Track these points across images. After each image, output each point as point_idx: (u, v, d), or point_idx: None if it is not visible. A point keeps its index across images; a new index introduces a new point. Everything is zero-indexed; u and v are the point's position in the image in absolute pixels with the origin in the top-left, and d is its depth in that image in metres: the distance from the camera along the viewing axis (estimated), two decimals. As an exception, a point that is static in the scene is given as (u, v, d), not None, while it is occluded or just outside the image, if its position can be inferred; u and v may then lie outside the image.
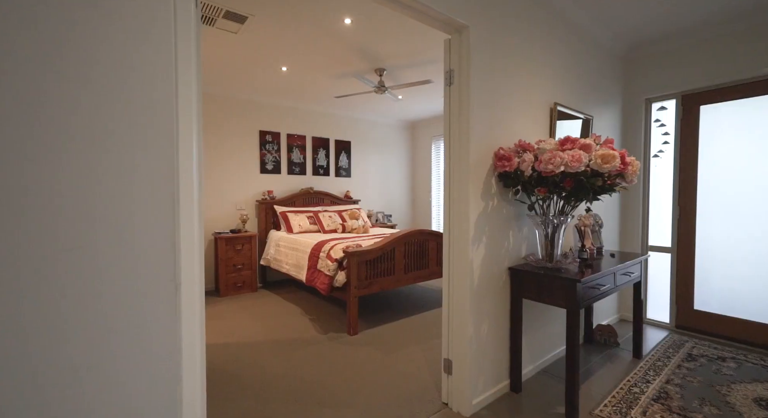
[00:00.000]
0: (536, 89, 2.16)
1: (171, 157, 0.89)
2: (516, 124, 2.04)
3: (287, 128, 4.69)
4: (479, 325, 1.85)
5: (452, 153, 1.83)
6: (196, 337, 0.96)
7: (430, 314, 3.27)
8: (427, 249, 3.34)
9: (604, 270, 1.87)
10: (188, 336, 0.94)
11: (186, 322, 0.93)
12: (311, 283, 3.15)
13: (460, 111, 1.80)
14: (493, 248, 1.92)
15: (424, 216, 6.00)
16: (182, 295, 0.92)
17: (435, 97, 4.53)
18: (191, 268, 0.95)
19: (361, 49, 3.03)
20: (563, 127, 2.38)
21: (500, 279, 1.97)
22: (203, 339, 1.01)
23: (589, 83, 2.61)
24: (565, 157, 1.61)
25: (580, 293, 1.71)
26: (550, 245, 1.95)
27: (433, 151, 5.84)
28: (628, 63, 3.01)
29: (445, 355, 1.88)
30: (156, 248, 0.87)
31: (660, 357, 2.29)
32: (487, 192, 1.88)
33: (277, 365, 2.31)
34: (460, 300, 1.81)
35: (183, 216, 0.93)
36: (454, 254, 1.83)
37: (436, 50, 3.07)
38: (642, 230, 2.99)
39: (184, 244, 0.93)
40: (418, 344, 2.61)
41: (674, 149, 2.81)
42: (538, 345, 2.22)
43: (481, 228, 1.85)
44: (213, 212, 4.16)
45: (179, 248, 0.91)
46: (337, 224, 4.33)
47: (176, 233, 0.90)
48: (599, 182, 1.68)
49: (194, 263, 0.96)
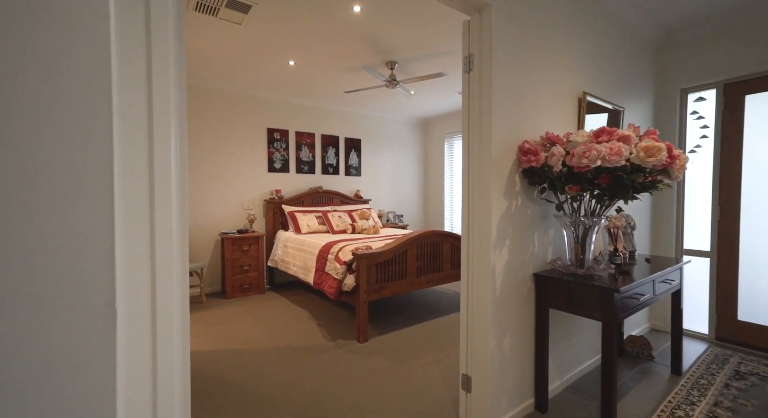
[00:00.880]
0: (563, 77, 1.96)
1: (106, 153, 0.69)
2: (541, 116, 1.85)
3: (296, 126, 4.56)
4: (502, 338, 1.67)
5: (472, 147, 1.65)
6: (174, 385, 0.80)
7: (444, 320, 3.09)
8: (441, 251, 3.16)
9: (643, 278, 1.67)
10: (164, 384, 0.78)
11: (161, 362, 0.77)
12: (319, 286, 3.00)
13: (480, 100, 1.62)
14: (517, 252, 1.74)
15: (436, 216, 5.81)
16: (148, 320, 0.75)
17: (448, 92, 4.34)
18: (168, 283, 0.80)
19: (371, 40, 2.87)
20: (588, 121, 2.16)
21: (524, 287, 1.79)
22: (186, 389, 0.85)
23: (619, 72, 2.39)
24: (603, 150, 1.41)
25: (618, 304, 1.52)
26: (581, 248, 1.75)
27: (446, 150, 5.65)
28: (661, 50, 2.77)
29: (464, 370, 1.71)
30: (82, 264, 0.65)
31: (703, 374, 2.06)
32: (511, 190, 1.70)
33: (282, 374, 2.17)
34: (481, 310, 1.63)
35: (158, 222, 0.78)
36: (473, 259, 1.65)
37: (450, 40, 2.89)
38: (676, 233, 2.75)
39: (160, 253, 0.78)
40: (432, 353, 2.43)
41: (714, 144, 2.56)
42: (564, 358, 2.02)
43: (504, 230, 1.66)
44: (219, 212, 4.06)
45: (117, 263, 0.68)
46: (346, 224, 4.18)
47: (113, 244, 0.69)
48: (640, 179, 1.48)
49: (173, 277, 0.81)
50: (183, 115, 0.89)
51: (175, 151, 0.85)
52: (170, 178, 0.82)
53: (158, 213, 0.79)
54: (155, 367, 0.79)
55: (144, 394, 0.77)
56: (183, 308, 0.87)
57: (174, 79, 0.84)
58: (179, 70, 0.87)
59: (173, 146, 0.83)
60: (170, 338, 0.81)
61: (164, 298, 0.80)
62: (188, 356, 0.90)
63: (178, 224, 0.85)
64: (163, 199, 0.80)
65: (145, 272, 0.77)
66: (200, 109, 3.91)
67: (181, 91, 0.88)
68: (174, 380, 0.80)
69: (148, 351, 0.77)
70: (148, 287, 0.78)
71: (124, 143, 0.73)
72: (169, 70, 0.81)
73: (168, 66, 0.81)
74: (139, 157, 0.78)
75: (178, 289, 0.84)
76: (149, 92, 0.78)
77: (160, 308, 0.79)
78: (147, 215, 0.78)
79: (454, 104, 4.95)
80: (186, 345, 0.88)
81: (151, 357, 0.79)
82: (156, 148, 0.80)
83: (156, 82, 0.79)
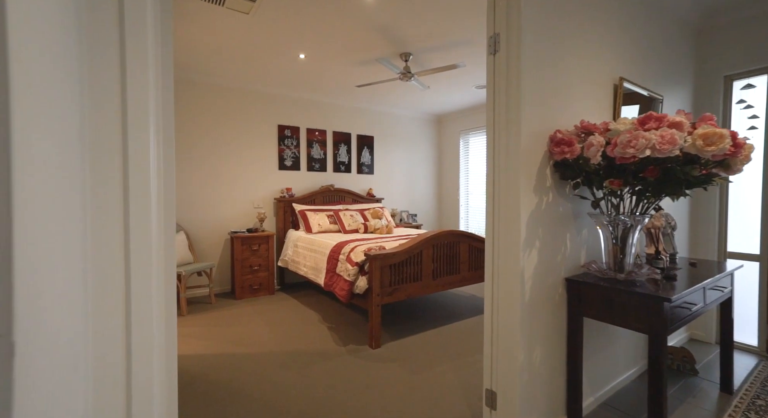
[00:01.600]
0: (598, 60, 1.77)
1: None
2: (573, 104, 1.66)
3: (307, 122, 4.46)
4: (531, 350, 1.49)
5: (498, 137, 1.49)
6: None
7: (461, 325, 2.92)
8: (458, 252, 2.99)
9: (694, 285, 1.46)
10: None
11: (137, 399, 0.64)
12: (330, 288, 2.87)
13: (507, 84, 1.45)
14: (548, 254, 1.56)
15: (451, 216, 5.62)
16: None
17: (465, 86, 4.16)
18: (147, 304, 0.67)
19: (384, 30, 2.73)
20: (621, 112, 1.96)
21: (555, 292, 1.61)
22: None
23: (657, 57, 2.17)
24: (653, 138, 1.23)
25: (668, 315, 1.32)
26: (620, 251, 1.56)
27: (461, 147, 5.45)
28: (702, 34, 2.53)
29: (488, 385, 1.54)
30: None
31: (759, 393, 1.84)
32: (541, 185, 1.52)
33: (290, 381, 2.05)
34: (509, 319, 1.46)
35: (133, 226, 0.66)
36: (500, 262, 1.48)
37: (467, 28, 2.72)
38: (719, 234, 2.50)
39: (135, 267, 0.65)
40: (450, 361, 2.27)
41: (765, 135, 2.31)
42: (598, 372, 1.82)
43: (534, 230, 1.49)
44: (229, 211, 3.98)
45: (16, 283, 0.47)
46: (358, 223, 4.05)
47: (10, 254, 0.48)
48: (695, 171, 1.29)
49: (151, 297, 0.68)
50: (169, 112, 0.77)
51: (156, 152, 0.72)
52: (149, 181, 0.69)
53: (134, 219, 0.66)
54: (129, 402, 0.65)
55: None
56: (167, 328, 0.74)
57: (155, 72, 0.71)
58: (162, 66, 0.74)
59: (152, 147, 0.70)
60: (147, 367, 0.67)
61: (141, 315, 0.67)
62: (175, 384, 0.76)
63: (159, 230, 0.72)
64: (141, 205, 0.67)
65: (114, 291, 0.64)
66: (208, 105, 3.83)
67: (166, 90, 0.75)
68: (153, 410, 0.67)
69: (120, 384, 0.64)
70: (119, 306, 0.65)
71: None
72: (148, 66, 0.68)
73: (146, 63, 0.68)
74: (141, 162, 0.64)
75: (158, 304, 0.71)
76: (123, 91, 0.66)
77: (136, 330, 0.66)
78: (118, 219, 0.65)
79: (470, 99, 4.75)
80: (172, 373, 0.74)
81: (125, 390, 0.66)
82: (131, 148, 0.67)
83: (133, 80, 0.66)
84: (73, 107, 0.58)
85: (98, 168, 0.63)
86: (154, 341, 0.69)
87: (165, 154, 0.77)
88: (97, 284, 0.63)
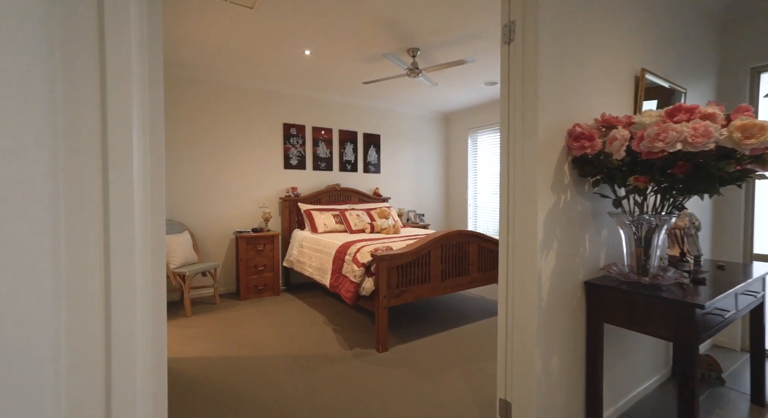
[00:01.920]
0: (617, 50, 1.67)
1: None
2: (592, 96, 1.57)
3: (312, 121, 4.40)
4: (548, 358, 1.40)
5: (513, 131, 1.40)
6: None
7: (471, 328, 2.83)
8: (468, 253, 2.90)
9: (727, 289, 1.36)
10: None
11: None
12: (335, 289, 2.80)
13: (523, 75, 1.36)
14: (566, 256, 1.47)
15: (459, 216, 5.52)
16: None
17: (474, 83, 4.06)
18: (130, 309, 0.60)
19: (391, 25, 2.65)
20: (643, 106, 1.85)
21: (574, 297, 1.51)
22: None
23: (679, 47, 2.06)
24: (685, 131, 1.13)
25: (700, 323, 1.22)
26: (644, 253, 1.46)
27: (469, 146, 5.35)
28: (728, 24, 2.41)
29: (502, 395, 1.45)
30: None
31: (792, 405, 1.72)
32: (559, 183, 1.43)
33: (295, 386, 1.98)
34: (525, 325, 1.37)
35: (114, 225, 0.59)
36: (515, 264, 1.40)
37: (477, 21, 2.63)
38: (744, 234, 2.38)
39: (116, 268, 0.59)
40: (460, 367, 2.18)
41: (795, 130, 2.18)
42: (617, 381, 1.72)
43: (551, 230, 1.40)
44: (234, 210, 3.94)
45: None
46: (365, 223, 3.97)
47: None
48: (730, 167, 1.19)
49: (135, 301, 0.61)
50: (157, 109, 0.70)
51: (140, 147, 0.65)
52: (132, 179, 0.62)
53: (115, 218, 0.59)
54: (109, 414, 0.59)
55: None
56: (155, 333, 0.67)
57: (139, 66, 0.65)
58: (150, 60, 0.68)
59: (136, 143, 0.63)
60: (129, 376, 0.60)
61: (122, 321, 0.60)
62: (164, 396, 0.69)
63: (144, 237, 0.65)
64: (122, 203, 0.61)
65: (92, 295, 0.57)
66: (213, 103, 3.79)
67: (154, 87, 0.69)
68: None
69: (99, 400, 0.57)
70: (98, 310, 0.58)
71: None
72: (131, 60, 0.62)
73: (129, 56, 0.61)
74: (121, 159, 0.57)
75: (144, 308, 0.64)
76: (102, 85, 0.59)
77: (117, 337, 0.59)
78: (97, 218, 0.58)
79: (478, 96, 4.65)
80: (160, 386, 0.67)
81: (105, 402, 0.59)
82: (112, 146, 0.60)
83: (111, 58, 0.60)
84: (41, 97, 0.51)
85: (74, 166, 0.56)
86: (137, 350, 0.62)
87: (153, 152, 0.70)
88: (72, 286, 0.56)
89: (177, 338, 2.68)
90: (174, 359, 2.33)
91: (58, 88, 0.54)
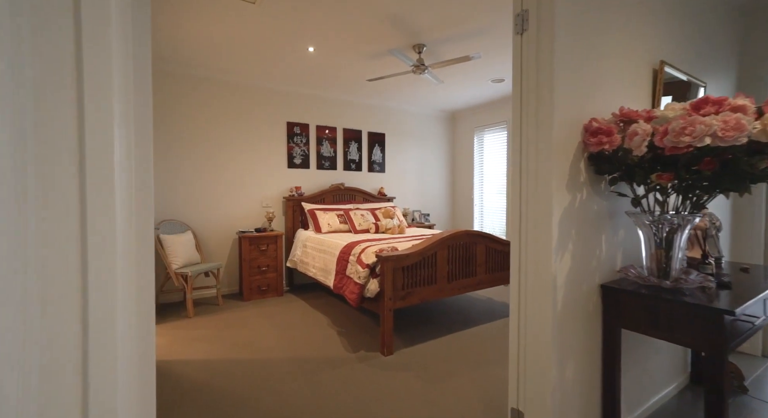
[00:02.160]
0: (634, 40, 1.58)
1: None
2: (606, 90, 1.48)
3: (316, 119, 4.34)
4: (563, 365, 1.33)
5: (526, 125, 1.32)
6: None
7: (479, 331, 2.75)
8: (475, 253, 2.82)
9: (757, 294, 1.27)
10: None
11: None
12: (339, 290, 2.74)
13: (537, 66, 1.29)
14: (582, 258, 1.39)
15: (465, 216, 5.44)
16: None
17: (481, 80, 3.98)
18: (109, 317, 0.55)
19: (396, 20, 2.58)
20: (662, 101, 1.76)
21: (590, 301, 1.44)
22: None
23: (699, 39, 1.97)
24: (714, 124, 1.05)
25: (729, 330, 1.14)
26: (665, 255, 1.38)
27: (476, 144, 5.26)
28: (751, 14, 2.31)
29: (514, 404, 1.38)
30: None
31: (822, 416, 1.62)
32: (575, 181, 1.36)
33: (297, 390, 1.92)
34: (539, 331, 1.30)
35: (92, 224, 0.53)
36: (528, 267, 1.32)
37: (484, 14, 2.55)
38: (766, 236, 2.28)
39: (94, 271, 0.53)
40: (467, 371, 2.11)
41: (821, 126, 2.08)
42: (634, 389, 1.64)
43: (567, 230, 1.32)
44: (237, 210, 3.90)
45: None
46: (369, 223, 3.91)
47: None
48: (764, 163, 1.10)
49: (116, 307, 0.55)
50: (144, 105, 0.65)
51: (122, 144, 0.59)
52: (113, 177, 0.56)
53: (93, 218, 0.54)
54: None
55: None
56: (141, 339, 0.61)
57: (121, 59, 0.59)
58: (135, 52, 0.62)
59: (118, 139, 0.58)
60: (110, 385, 0.54)
61: (101, 330, 0.54)
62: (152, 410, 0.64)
63: (129, 229, 0.59)
64: (102, 202, 0.55)
65: (67, 300, 0.52)
66: (215, 101, 3.75)
67: (140, 83, 0.63)
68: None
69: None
70: (73, 318, 0.52)
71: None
72: (111, 52, 0.56)
73: (109, 49, 0.55)
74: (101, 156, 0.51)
75: (126, 314, 0.58)
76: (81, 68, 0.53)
77: (94, 350, 0.53)
78: (72, 219, 0.53)
79: (485, 94, 4.57)
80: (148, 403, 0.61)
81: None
82: (89, 142, 0.54)
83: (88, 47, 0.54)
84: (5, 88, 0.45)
85: (46, 165, 0.50)
86: (119, 363, 0.57)
87: (139, 147, 0.64)
88: (43, 290, 0.51)
89: (179, 339, 2.64)
90: (175, 361, 2.29)
91: (25, 69, 0.49)
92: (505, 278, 3.02)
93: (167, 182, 3.52)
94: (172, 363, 2.26)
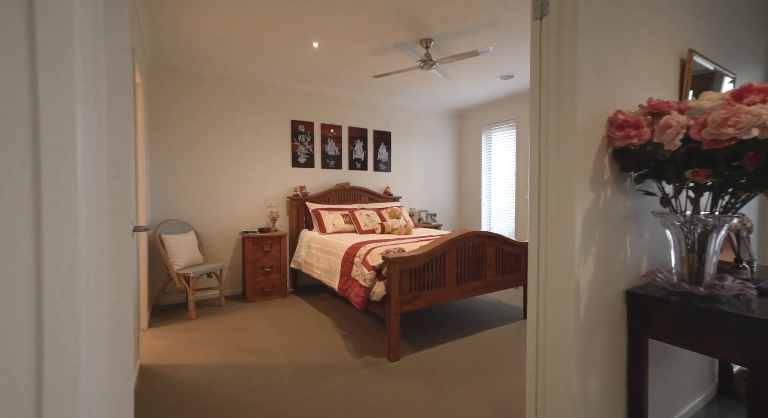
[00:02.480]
0: (659, 26, 1.47)
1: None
2: (632, 80, 1.38)
3: (321, 118, 4.26)
4: (586, 377, 1.22)
5: (546, 117, 1.22)
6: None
7: (489, 335, 2.65)
8: (484, 255, 2.72)
9: (802, 302, 1.16)
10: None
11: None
12: (344, 293, 2.66)
13: (559, 56, 1.19)
14: (606, 262, 1.29)
15: (473, 216, 5.33)
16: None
17: (489, 77, 3.87)
18: (72, 334, 0.46)
19: (403, 13, 2.48)
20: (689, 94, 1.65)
21: (614, 308, 1.33)
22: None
23: (728, 28, 1.85)
24: (764, 113, 0.94)
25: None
26: (697, 259, 1.27)
27: (483, 143, 5.15)
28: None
29: (532, 417, 1.28)
30: None
31: None
32: (598, 178, 1.25)
33: (300, 397, 1.84)
34: (560, 341, 1.19)
35: (47, 228, 0.45)
36: (548, 271, 1.22)
37: (492, 6, 2.44)
38: (797, 237, 2.14)
39: (50, 282, 0.44)
40: (478, 378, 2.01)
41: None
42: (659, 402, 1.53)
43: (590, 232, 1.22)
44: (240, 210, 3.83)
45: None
46: (375, 223, 3.82)
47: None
48: (816, 158, 0.99)
49: (80, 324, 0.47)
50: (122, 100, 0.56)
51: (90, 142, 0.50)
52: (76, 176, 0.48)
53: (49, 220, 0.45)
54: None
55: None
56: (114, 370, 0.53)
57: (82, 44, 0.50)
58: (107, 34, 0.53)
59: (80, 134, 0.49)
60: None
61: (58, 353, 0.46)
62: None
63: (97, 235, 0.50)
64: (61, 203, 0.46)
65: (18, 316, 0.43)
66: (217, 99, 3.69)
67: (118, 77, 0.55)
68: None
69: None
70: (27, 340, 0.44)
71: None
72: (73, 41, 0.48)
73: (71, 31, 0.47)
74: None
75: (92, 335, 0.50)
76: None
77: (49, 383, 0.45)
78: (26, 222, 0.44)
79: (494, 91, 4.45)
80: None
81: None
82: (80, 141, 0.45)
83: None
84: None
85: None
86: (81, 373, 0.48)
87: (116, 147, 0.55)
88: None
89: (180, 343, 2.57)
90: (175, 365, 2.21)
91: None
92: (516, 281, 2.91)
93: (168, 182, 3.46)
94: (172, 368, 2.18)
